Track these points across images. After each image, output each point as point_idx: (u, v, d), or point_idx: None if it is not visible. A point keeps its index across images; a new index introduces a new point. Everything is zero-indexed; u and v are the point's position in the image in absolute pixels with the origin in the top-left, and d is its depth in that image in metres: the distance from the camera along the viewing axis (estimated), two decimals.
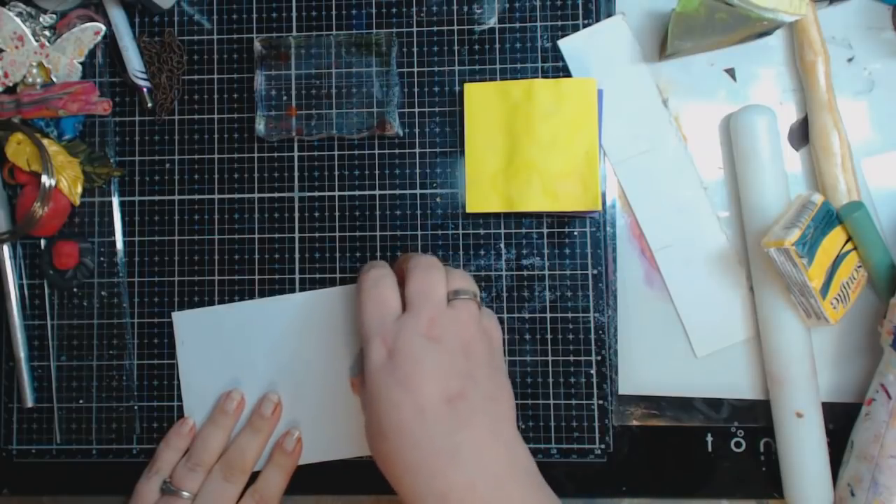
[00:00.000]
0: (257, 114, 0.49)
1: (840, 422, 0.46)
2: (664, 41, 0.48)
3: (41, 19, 0.51)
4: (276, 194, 0.50)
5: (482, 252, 0.49)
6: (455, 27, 0.50)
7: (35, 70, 0.50)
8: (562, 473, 0.48)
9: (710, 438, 0.48)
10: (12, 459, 0.51)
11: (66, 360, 0.51)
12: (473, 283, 0.43)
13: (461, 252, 0.49)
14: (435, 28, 0.50)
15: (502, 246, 0.49)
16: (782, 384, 0.45)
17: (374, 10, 0.50)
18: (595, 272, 0.48)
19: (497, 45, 0.50)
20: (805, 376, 0.45)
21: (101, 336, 0.50)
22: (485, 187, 0.48)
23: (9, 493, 0.51)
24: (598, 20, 0.49)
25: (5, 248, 0.51)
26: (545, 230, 0.49)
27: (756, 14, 0.43)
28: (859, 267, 0.45)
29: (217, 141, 0.51)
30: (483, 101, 0.48)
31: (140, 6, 0.51)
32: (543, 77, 0.49)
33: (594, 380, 0.48)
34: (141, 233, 0.51)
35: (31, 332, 0.51)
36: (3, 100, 0.50)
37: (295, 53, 0.50)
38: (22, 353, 0.50)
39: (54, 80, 0.50)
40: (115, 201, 0.51)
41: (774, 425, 0.47)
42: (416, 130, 0.50)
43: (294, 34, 0.50)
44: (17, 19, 0.50)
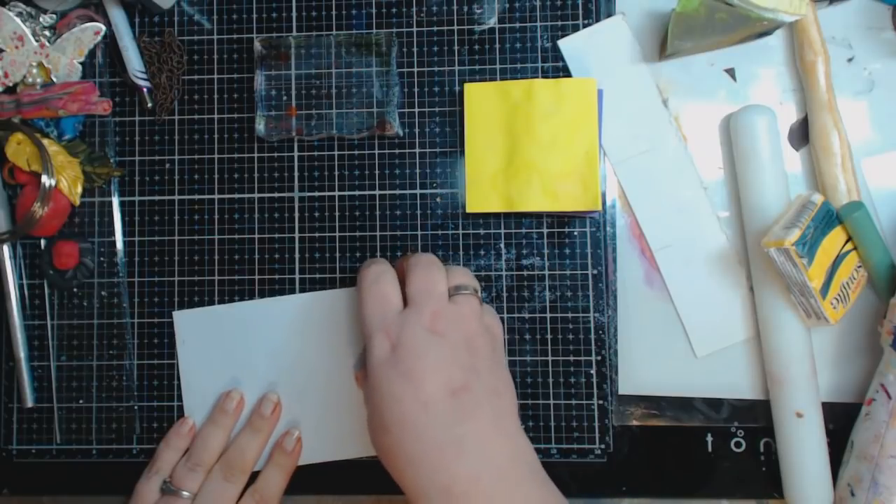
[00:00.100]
0: (257, 114, 0.49)
1: (840, 422, 0.46)
2: (664, 41, 0.48)
3: (41, 19, 0.51)
4: (276, 194, 0.50)
5: (482, 252, 0.49)
6: (455, 27, 0.50)
7: (35, 70, 0.50)
8: (562, 473, 0.48)
9: (710, 438, 0.48)
10: (12, 459, 0.51)
11: (66, 360, 0.51)
12: (474, 279, 0.43)
13: (461, 252, 0.49)
14: (435, 28, 0.50)
15: (502, 246, 0.49)
16: (782, 384, 0.45)
17: (374, 10, 0.50)
18: (595, 272, 0.48)
19: (497, 45, 0.50)
20: (805, 376, 0.45)
21: (101, 336, 0.50)
22: (485, 187, 0.48)
23: (9, 493, 0.51)
24: (598, 20, 0.49)
25: (5, 248, 0.51)
26: (545, 230, 0.49)
27: (756, 14, 0.43)
28: (859, 267, 0.45)
29: (217, 141, 0.51)
30: (483, 101, 0.48)
31: (140, 6, 0.51)
32: (543, 77, 0.49)
33: (594, 380, 0.48)
34: (141, 233, 0.51)
35: (31, 332, 0.51)
36: (3, 100, 0.50)
37: (295, 53, 0.50)
38: (22, 353, 0.50)
39: (54, 80, 0.50)
40: (115, 201, 0.51)
41: (774, 425, 0.47)
42: (416, 130, 0.50)
43: (294, 34, 0.50)
44: (17, 19, 0.50)
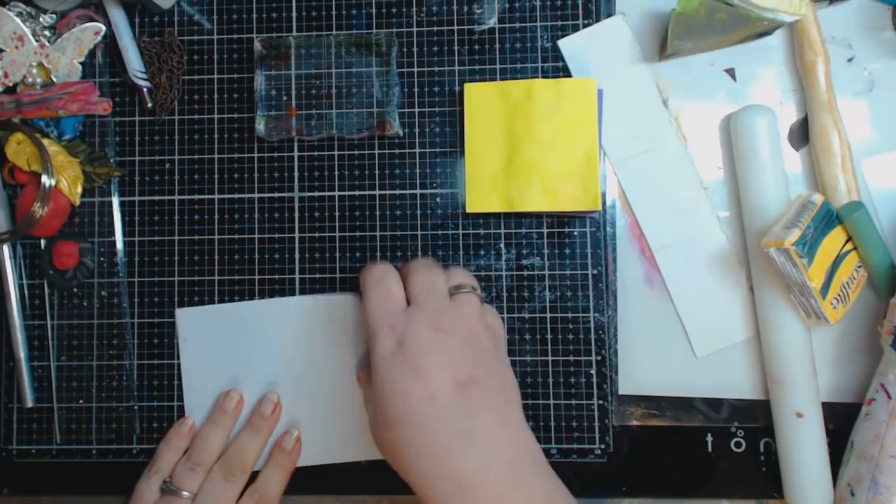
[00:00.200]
0: (257, 114, 0.49)
1: (840, 422, 0.46)
2: (664, 41, 0.48)
3: (41, 19, 0.51)
4: (276, 194, 0.50)
5: (482, 252, 0.49)
6: (455, 27, 0.50)
7: (35, 70, 0.50)
8: (562, 473, 0.48)
9: (710, 438, 0.48)
10: (12, 459, 0.51)
11: (66, 360, 0.51)
12: (473, 279, 0.44)
13: (461, 252, 0.49)
14: (435, 28, 0.50)
15: (502, 246, 0.49)
16: (782, 384, 0.45)
17: (374, 10, 0.50)
18: (595, 272, 0.48)
19: (497, 45, 0.50)
20: (805, 376, 0.45)
21: (101, 336, 0.50)
22: (485, 187, 0.48)
23: (9, 493, 0.51)
24: (598, 20, 0.49)
25: (5, 248, 0.51)
26: (545, 230, 0.49)
27: (756, 14, 0.43)
28: (859, 267, 0.45)
29: (217, 141, 0.51)
30: (483, 101, 0.48)
31: (140, 6, 0.51)
32: (543, 77, 0.49)
33: (594, 380, 0.48)
34: (141, 233, 0.51)
35: (31, 332, 0.51)
36: (3, 100, 0.50)
37: (295, 53, 0.50)
38: (22, 353, 0.50)
39: (54, 80, 0.50)
40: (115, 201, 0.51)
41: (774, 425, 0.47)
42: (416, 130, 0.50)
43: (294, 34, 0.50)
44: (17, 19, 0.50)
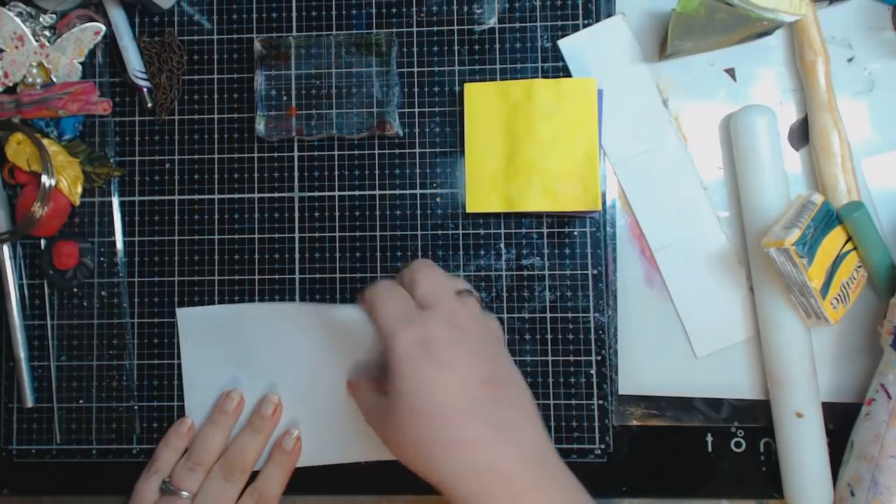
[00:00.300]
0: (257, 114, 0.49)
1: (840, 422, 0.46)
2: (664, 41, 0.48)
3: (41, 19, 0.51)
4: (276, 194, 0.50)
5: (482, 252, 0.49)
6: (455, 27, 0.50)
7: (35, 70, 0.50)
8: None
9: (710, 438, 0.48)
10: (12, 459, 0.51)
11: (66, 360, 0.51)
12: (469, 286, 0.44)
13: (461, 252, 0.49)
14: (435, 28, 0.50)
15: (502, 246, 0.49)
16: (782, 384, 0.45)
17: (374, 10, 0.50)
18: (595, 272, 0.48)
19: (497, 45, 0.50)
20: (805, 376, 0.45)
21: (101, 336, 0.50)
22: (485, 187, 0.48)
23: (9, 493, 0.51)
24: (598, 20, 0.49)
25: (5, 248, 0.51)
26: (545, 230, 0.49)
27: (756, 14, 0.43)
28: (859, 267, 0.45)
29: (217, 141, 0.51)
30: (483, 101, 0.48)
31: (140, 6, 0.51)
32: (543, 77, 0.49)
33: (594, 380, 0.48)
34: (141, 233, 0.51)
35: (31, 332, 0.51)
36: (3, 100, 0.50)
37: (295, 53, 0.50)
38: (22, 353, 0.50)
39: (54, 80, 0.50)
40: (115, 201, 0.51)
41: (774, 425, 0.47)
42: (416, 130, 0.50)
43: (294, 34, 0.50)
44: (17, 19, 0.50)
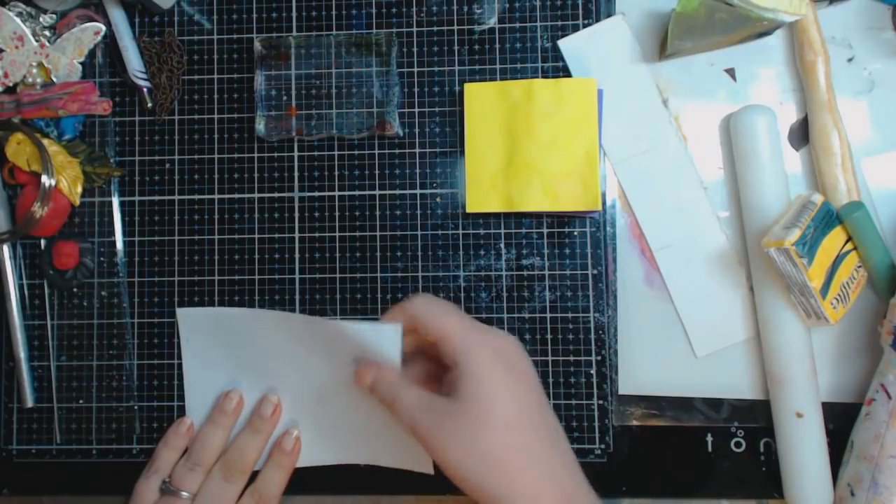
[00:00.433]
0: (257, 114, 0.49)
1: (840, 422, 0.46)
2: (664, 41, 0.48)
3: (41, 19, 0.51)
4: (276, 194, 0.50)
5: (482, 252, 0.49)
6: (455, 27, 0.50)
7: (35, 70, 0.50)
8: None
9: (710, 438, 0.48)
10: (12, 459, 0.51)
11: (66, 360, 0.51)
12: None
13: (461, 252, 0.49)
14: (435, 28, 0.50)
15: (502, 246, 0.49)
16: (782, 384, 0.45)
17: (374, 10, 0.50)
18: (595, 272, 0.48)
19: (497, 45, 0.50)
20: (805, 376, 0.45)
21: (101, 336, 0.50)
22: (485, 187, 0.48)
23: (9, 493, 0.51)
24: (598, 20, 0.49)
25: (5, 248, 0.51)
26: (545, 230, 0.49)
27: (756, 14, 0.43)
28: (859, 267, 0.45)
29: (217, 141, 0.51)
30: (483, 101, 0.48)
31: (140, 6, 0.51)
32: (543, 77, 0.49)
33: (594, 380, 0.48)
34: (141, 233, 0.51)
35: (31, 332, 0.51)
36: (3, 100, 0.50)
37: (295, 53, 0.50)
38: (22, 353, 0.50)
39: (54, 80, 0.50)
40: (115, 201, 0.51)
41: (774, 425, 0.47)
42: (416, 130, 0.50)
43: (294, 34, 0.50)
44: (17, 19, 0.50)
